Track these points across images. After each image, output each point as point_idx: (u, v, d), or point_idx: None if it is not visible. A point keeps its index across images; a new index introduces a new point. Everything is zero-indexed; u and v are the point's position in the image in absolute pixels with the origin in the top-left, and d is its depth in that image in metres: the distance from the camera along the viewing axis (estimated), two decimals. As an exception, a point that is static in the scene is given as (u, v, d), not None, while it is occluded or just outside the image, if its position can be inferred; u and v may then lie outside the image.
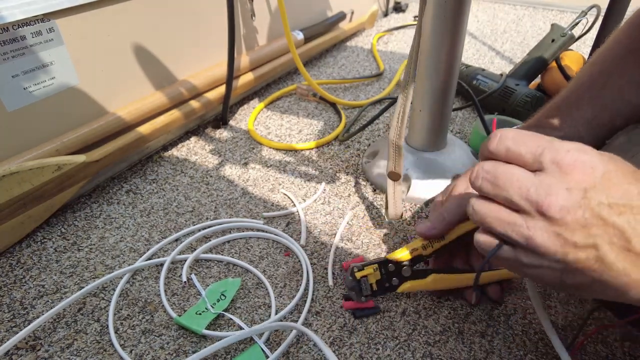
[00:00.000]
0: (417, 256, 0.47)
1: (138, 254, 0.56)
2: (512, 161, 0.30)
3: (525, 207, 0.28)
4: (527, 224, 0.28)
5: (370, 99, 0.93)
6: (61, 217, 0.62)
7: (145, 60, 0.70)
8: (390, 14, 1.51)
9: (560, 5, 1.50)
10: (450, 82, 0.61)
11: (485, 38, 1.28)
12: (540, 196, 0.28)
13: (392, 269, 0.47)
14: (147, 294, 0.51)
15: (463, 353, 0.44)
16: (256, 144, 0.79)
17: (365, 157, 0.74)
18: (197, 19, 0.77)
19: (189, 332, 0.46)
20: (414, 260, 0.47)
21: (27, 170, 0.54)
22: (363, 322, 0.47)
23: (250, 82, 0.88)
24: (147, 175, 0.71)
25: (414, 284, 0.47)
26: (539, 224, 0.28)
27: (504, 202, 0.30)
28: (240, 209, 0.64)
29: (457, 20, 0.56)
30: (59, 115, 0.61)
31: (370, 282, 0.47)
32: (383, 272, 0.47)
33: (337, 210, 0.63)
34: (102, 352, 0.45)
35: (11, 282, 0.52)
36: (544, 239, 0.28)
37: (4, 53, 0.52)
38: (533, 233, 0.28)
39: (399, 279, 0.47)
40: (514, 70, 0.86)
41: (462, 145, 0.71)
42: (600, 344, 0.45)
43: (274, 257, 0.56)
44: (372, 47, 1.19)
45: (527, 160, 0.29)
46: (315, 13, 1.11)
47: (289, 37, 0.78)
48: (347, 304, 0.48)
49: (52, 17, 0.56)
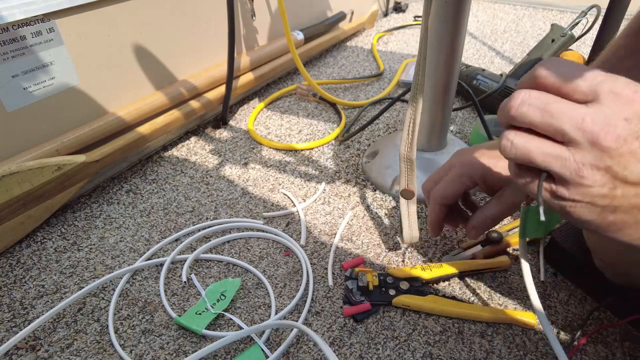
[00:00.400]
0: (416, 276, 0.50)
1: (138, 254, 0.56)
2: (564, 89, 0.27)
3: (578, 137, 0.26)
4: (574, 157, 0.26)
5: (370, 99, 0.93)
6: (61, 217, 0.62)
7: (145, 60, 0.70)
8: (390, 14, 1.51)
9: (560, 5, 1.50)
10: (450, 82, 0.61)
11: (485, 38, 1.28)
12: (597, 125, 0.25)
13: (390, 281, 0.49)
14: (147, 294, 0.51)
15: (463, 353, 0.44)
16: (256, 144, 0.79)
17: (365, 157, 0.74)
18: (197, 19, 0.77)
19: (189, 332, 0.46)
20: (413, 278, 0.50)
21: (27, 170, 0.54)
22: (363, 322, 0.47)
23: (250, 82, 0.88)
24: (147, 175, 0.71)
25: (411, 299, 0.48)
26: (588, 157, 0.26)
27: (552, 133, 0.27)
28: (240, 209, 0.64)
29: (457, 20, 0.55)
30: (59, 115, 0.61)
31: (368, 281, 0.48)
32: (381, 279, 0.50)
33: (337, 210, 0.63)
34: (102, 352, 0.45)
35: (11, 282, 0.52)
36: (593, 173, 0.26)
37: (4, 53, 0.52)
38: (582, 166, 0.26)
39: (396, 292, 0.49)
40: (514, 70, 0.86)
41: (462, 145, 0.71)
42: (600, 344, 0.45)
43: (274, 257, 0.56)
44: (372, 47, 1.19)
45: (583, 89, 0.26)
46: (315, 13, 1.11)
47: (289, 37, 0.78)
48: (348, 310, 0.48)
49: (52, 17, 0.56)
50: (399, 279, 0.50)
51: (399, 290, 0.49)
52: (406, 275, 0.50)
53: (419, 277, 0.50)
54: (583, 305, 0.49)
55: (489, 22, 1.42)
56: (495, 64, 1.11)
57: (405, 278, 0.50)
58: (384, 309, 0.49)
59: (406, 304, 0.48)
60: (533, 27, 1.36)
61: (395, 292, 0.49)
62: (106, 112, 0.67)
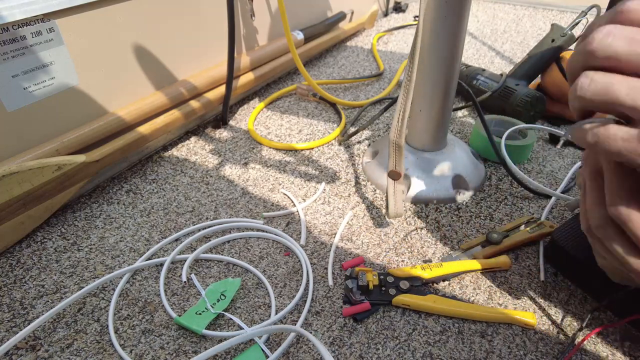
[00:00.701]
0: (416, 276, 0.50)
1: (138, 254, 0.56)
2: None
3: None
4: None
5: (370, 99, 0.93)
6: (61, 217, 0.62)
7: (145, 60, 0.70)
8: (390, 14, 1.51)
9: (560, 5, 1.50)
10: (450, 82, 0.61)
11: (485, 38, 1.28)
12: None
13: (390, 281, 0.49)
14: (147, 294, 0.51)
15: (463, 353, 0.44)
16: (256, 144, 0.79)
17: (365, 157, 0.74)
18: (197, 19, 0.77)
19: (189, 332, 0.46)
20: (413, 278, 0.50)
21: (27, 170, 0.54)
22: (363, 321, 0.47)
23: (250, 82, 0.88)
24: (147, 175, 0.71)
25: (411, 299, 0.48)
26: None
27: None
28: (240, 209, 0.64)
29: (457, 20, 0.55)
30: (59, 115, 0.61)
31: (368, 280, 0.49)
32: (382, 279, 0.50)
33: (337, 210, 0.63)
34: (102, 352, 0.45)
35: (11, 282, 0.52)
36: None
37: (4, 53, 0.52)
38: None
39: (397, 291, 0.49)
40: (514, 70, 0.86)
41: (462, 145, 0.71)
42: (600, 344, 0.45)
43: (274, 257, 0.56)
44: (372, 47, 1.19)
45: None
46: (315, 13, 1.11)
47: (289, 37, 0.78)
48: (347, 310, 0.48)
49: (52, 17, 0.56)
50: (399, 278, 0.50)
51: (399, 290, 0.49)
52: (406, 275, 0.50)
53: (419, 277, 0.50)
54: (583, 305, 0.49)
55: (489, 22, 1.42)
56: (495, 64, 1.11)
57: (405, 277, 0.50)
58: (384, 309, 0.49)
59: (406, 303, 0.48)
60: (533, 27, 1.36)
61: (396, 292, 0.49)
62: (106, 112, 0.67)
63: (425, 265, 0.51)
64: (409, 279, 0.50)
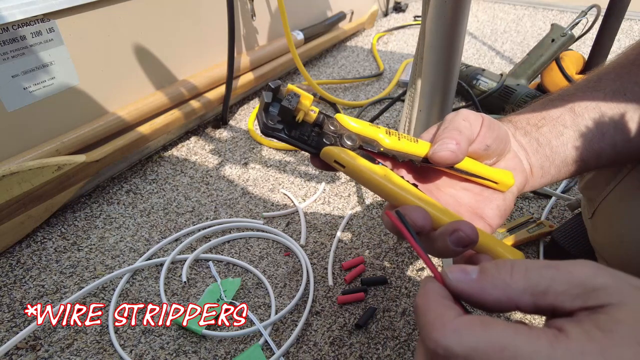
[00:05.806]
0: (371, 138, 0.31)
1: (138, 254, 0.56)
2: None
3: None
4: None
5: (370, 99, 0.93)
6: (61, 217, 0.62)
7: (145, 60, 0.70)
8: (390, 14, 1.51)
9: (560, 5, 1.50)
10: (450, 82, 0.61)
11: (485, 38, 1.28)
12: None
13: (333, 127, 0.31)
14: (147, 294, 0.51)
15: (463, 353, 0.44)
16: (256, 144, 0.79)
17: (365, 157, 0.74)
18: (197, 19, 0.77)
19: (189, 332, 0.46)
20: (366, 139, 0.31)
21: (27, 170, 0.54)
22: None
23: (250, 82, 0.88)
24: (147, 175, 0.71)
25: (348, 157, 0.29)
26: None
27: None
28: (240, 209, 0.64)
29: (457, 20, 0.55)
30: (59, 115, 0.61)
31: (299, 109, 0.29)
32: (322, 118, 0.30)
33: (337, 210, 0.63)
34: (102, 352, 0.45)
35: (11, 282, 0.52)
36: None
37: (4, 53, 0.52)
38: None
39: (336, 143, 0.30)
40: (514, 70, 0.86)
41: (462, 145, 0.71)
42: (600, 344, 0.45)
43: (274, 257, 0.56)
44: (372, 47, 1.19)
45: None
46: (315, 13, 1.11)
47: (289, 37, 0.78)
48: (342, 298, 0.49)
49: (52, 17, 0.56)
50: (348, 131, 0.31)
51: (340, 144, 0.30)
52: (358, 131, 0.31)
53: (375, 140, 0.31)
54: (583, 305, 0.49)
55: (489, 22, 1.42)
56: (495, 64, 1.11)
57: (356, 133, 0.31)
58: (383, 309, 0.49)
59: (341, 161, 0.29)
60: (533, 27, 1.36)
61: (333, 143, 0.30)
62: (106, 112, 0.67)
63: (393, 131, 0.32)
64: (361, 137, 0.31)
